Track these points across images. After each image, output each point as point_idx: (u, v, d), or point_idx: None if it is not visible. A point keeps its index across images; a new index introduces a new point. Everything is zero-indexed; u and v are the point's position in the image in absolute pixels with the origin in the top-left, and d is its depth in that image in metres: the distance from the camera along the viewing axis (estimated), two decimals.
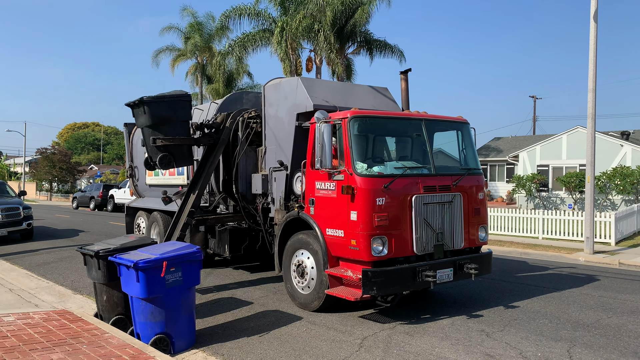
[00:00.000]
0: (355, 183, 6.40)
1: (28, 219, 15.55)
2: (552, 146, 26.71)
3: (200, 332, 6.23)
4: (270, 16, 26.02)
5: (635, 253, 13.15)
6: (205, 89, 33.97)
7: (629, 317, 7.01)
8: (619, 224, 15.17)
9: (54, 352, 5.20)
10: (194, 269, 5.82)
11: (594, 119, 13.18)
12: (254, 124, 8.83)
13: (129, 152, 13.01)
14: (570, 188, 23.97)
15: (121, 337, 5.70)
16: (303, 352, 5.59)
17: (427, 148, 7.16)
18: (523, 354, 5.51)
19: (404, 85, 8.36)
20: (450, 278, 6.83)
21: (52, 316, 6.64)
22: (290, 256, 7.43)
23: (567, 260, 12.35)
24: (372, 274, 6.22)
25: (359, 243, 6.33)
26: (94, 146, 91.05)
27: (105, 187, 32.91)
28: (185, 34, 33.65)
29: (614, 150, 24.20)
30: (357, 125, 6.73)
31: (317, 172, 6.89)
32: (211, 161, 8.53)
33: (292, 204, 7.73)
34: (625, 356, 5.48)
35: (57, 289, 8.83)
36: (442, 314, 7.08)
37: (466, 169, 7.47)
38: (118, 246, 6.11)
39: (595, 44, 13.08)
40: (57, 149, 54.76)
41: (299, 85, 7.83)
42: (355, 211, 6.37)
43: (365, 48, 25.88)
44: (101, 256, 5.95)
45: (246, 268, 10.46)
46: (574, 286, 8.99)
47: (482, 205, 7.53)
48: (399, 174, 6.67)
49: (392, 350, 5.62)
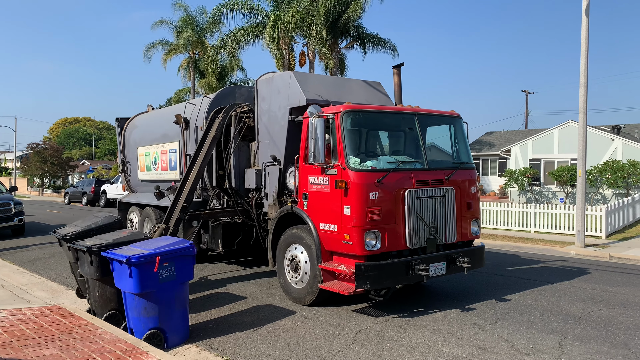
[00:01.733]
0: (348, 177, 6.40)
1: (19, 215, 15.45)
2: (544, 140, 26.85)
3: (193, 326, 6.23)
4: (263, 10, 25.91)
5: (626, 246, 13.28)
6: (197, 83, 33.80)
7: (619, 309, 7.09)
8: (609, 218, 15.30)
9: (47, 347, 5.18)
10: (187, 264, 5.81)
11: (585, 113, 13.25)
12: (246, 119, 8.81)
13: (121, 147, 12.95)
14: (562, 182, 24.13)
15: (114, 332, 5.69)
16: (297, 346, 5.61)
17: (419, 142, 7.15)
18: (515, 346, 5.56)
19: (397, 80, 8.34)
20: (443, 272, 6.85)
21: (45, 312, 6.61)
22: (283, 251, 7.43)
23: (558, 253, 12.45)
24: (365, 268, 6.24)
25: (352, 237, 6.33)
26: (85, 141, 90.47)
27: (97, 182, 32.75)
28: (177, 28, 33.44)
29: (605, 145, 24.36)
30: (350, 120, 6.72)
31: (311, 166, 6.88)
32: (203, 156, 8.51)
33: (285, 199, 7.71)
34: (616, 348, 5.54)
35: (49, 284, 8.79)
36: (435, 307, 7.12)
37: (459, 163, 7.47)
38: (111, 241, 6.09)
39: (587, 39, 13.13)
40: (48, 144, 54.30)
41: (291, 80, 7.79)
42: (348, 206, 6.37)
43: (359, 42, 25.83)
44: (94, 251, 5.92)
45: (239, 263, 10.46)
46: (565, 279, 9.06)
47: (474, 199, 7.56)
48: (391, 169, 6.68)
49: (386, 344, 5.65)
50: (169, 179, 10.61)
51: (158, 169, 11.13)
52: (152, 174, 11.38)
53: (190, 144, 9.83)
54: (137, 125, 12.60)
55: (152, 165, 11.40)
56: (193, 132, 9.76)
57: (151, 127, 11.87)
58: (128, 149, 12.59)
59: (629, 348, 5.54)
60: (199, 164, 8.46)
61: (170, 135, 10.58)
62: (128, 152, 12.58)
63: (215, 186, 9.36)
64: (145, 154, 11.68)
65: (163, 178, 10.88)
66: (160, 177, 11.03)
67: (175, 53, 34.08)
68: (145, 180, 11.80)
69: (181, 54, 34.24)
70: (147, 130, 11.98)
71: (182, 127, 9.95)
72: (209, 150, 8.62)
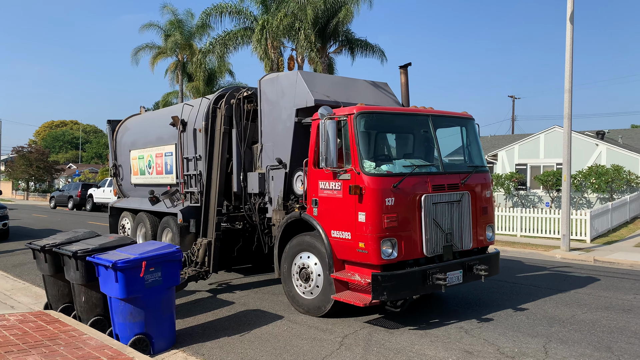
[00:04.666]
0: (363, 183, 6.09)
1: (3, 219, 15.24)
2: (530, 145, 27.13)
3: (180, 332, 6.19)
4: (251, 14, 25.90)
5: (610, 250, 13.46)
6: (185, 87, 33.66)
7: (603, 312, 7.18)
8: (594, 222, 15.50)
9: (30, 354, 5.11)
10: (173, 268, 5.78)
11: (570, 119, 13.44)
12: (249, 105, 8.42)
13: (113, 150, 12.54)
14: (548, 186, 24.39)
15: (99, 338, 5.64)
16: (284, 351, 5.60)
17: (434, 145, 6.89)
18: (501, 350, 5.61)
19: (404, 80, 7.99)
20: (460, 280, 6.59)
21: (29, 318, 6.52)
22: (291, 259, 7.08)
23: (544, 257, 12.58)
24: (382, 278, 5.93)
25: (367, 246, 6.01)
26: (72, 145, 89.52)
27: (84, 186, 32.45)
28: (165, 32, 33.32)
29: (589, 150, 24.69)
30: (363, 122, 6.40)
31: (321, 171, 6.58)
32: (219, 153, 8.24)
33: (291, 204, 7.41)
34: (599, 351, 5.61)
35: (33, 290, 8.68)
36: (421, 311, 7.15)
37: (473, 167, 7.22)
38: (97, 246, 6.04)
39: (572, 45, 13.33)
40: (34, 147, 53.69)
41: (298, 80, 7.43)
42: (363, 212, 6.06)
43: (347, 47, 25.91)
44: (79, 256, 5.87)
45: (228, 268, 10.39)
46: (550, 283, 9.16)
47: (489, 204, 7.30)
48: (408, 173, 6.38)
49: (373, 348, 5.67)
50: (165, 183, 10.25)
51: (153, 173, 10.74)
52: (146, 178, 11.02)
53: (188, 146, 9.45)
54: (130, 128, 12.20)
55: (147, 169, 10.99)
56: (191, 135, 9.35)
57: (145, 130, 11.47)
58: (120, 152, 12.19)
59: (612, 351, 5.61)
60: (217, 163, 8.11)
61: (165, 138, 10.18)
62: (120, 155, 12.18)
63: None
64: (139, 158, 11.29)
65: (158, 182, 10.52)
66: (155, 182, 10.66)
67: (163, 56, 33.97)
68: (138, 184, 11.42)
69: (169, 58, 34.15)
70: (141, 132, 11.58)
71: (179, 129, 9.53)
72: (223, 145, 8.23)
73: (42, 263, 6.70)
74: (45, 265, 6.65)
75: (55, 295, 6.88)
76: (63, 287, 6.77)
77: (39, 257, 6.72)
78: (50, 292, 6.94)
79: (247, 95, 8.50)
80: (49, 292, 6.96)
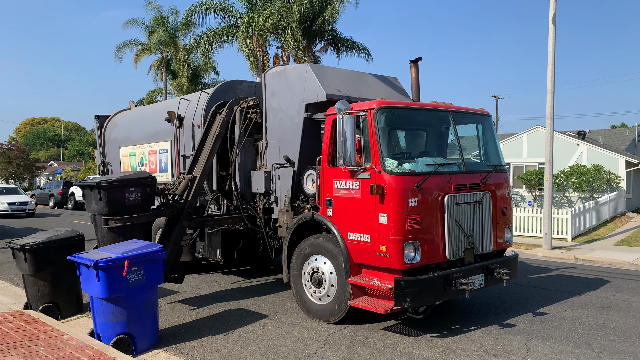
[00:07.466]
0: (384, 182, 5.73)
1: None
2: (513, 145, 27.42)
3: (163, 331, 6.14)
4: (237, 12, 25.76)
5: (590, 248, 13.67)
6: (170, 84, 33.36)
7: (583, 310, 7.30)
8: (575, 221, 15.74)
9: (9, 355, 5.02)
10: (156, 267, 5.73)
11: (552, 119, 13.61)
12: (252, 115, 8.12)
13: (101, 146, 12.13)
14: (530, 186, 24.68)
15: (81, 338, 5.56)
16: (268, 350, 5.59)
17: (456, 142, 6.62)
18: (483, 348, 5.66)
19: (414, 74, 7.66)
20: (482, 285, 6.31)
21: (8, 318, 6.41)
22: (301, 262, 6.75)
23: (526, 255, 12.73)
24: (405, 283, 5.61)
25: (389, 249, 5.67)
26: (54, 142, 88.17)
27: (65, 184, 31.92)
28: (149, 28, 32.98)
29: (571, 150, 25.04)
30: (384, 117, 6.02)
31: (337, 169, 6.23)
32: (207, 156, 7.87)
33: (300, 204, 7.08)
34: (579, 347, 5.70)
35: (13, 289, 8.54)
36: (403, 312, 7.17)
37: (493, 166, 6.95)
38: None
39: (554, 46, 13.50)
40: (14, 144, 52.70)
41: (308, 73, 7.05)
42: (385, 213, 5.71)
43: (333, 46, 25.92)
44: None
45: (216, 269, 10.33)
46: (532, 281, 9.28)
47: (508, 204, 7.02)
48: (431, 172, 6.02)
49: (357, 347, 5.68)
50: (159, 181, 9.68)
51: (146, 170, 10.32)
52: None
53: (185, 143, 9.10)
54: (119, 124, 11.78)
55: (138, 166, 10.60)
56: (189, 131, 8.97)
57: (137, 125, 11.02)
58: (109, 149, 11.75)
59: (592, 348, 5.70)
60: (203, 164, 7.79)
61: (160, 134, 9.79)
62: (109, 152, 11.74)
63: (216, 190, 8.69)
64: (130, 155, 10.89)
65: None
66: None
67: (146, 53, 33.62)
68: None
69: (153, 55, 33.83)
70: (132, 128, 11.14)
71: (176, 125, 9.15)
72: (213, 149, 7.92)
73: (21, 262, 6.61)
74: (25, 265, 6.55)
75: (35, 295, 6.79)
76: (43, 286, 6.70)
77: (19, 256, 6.63)
78: (30, 291, 6.84)
79: (252, 105, 8.25)
80: (29, 291, 6.86)
